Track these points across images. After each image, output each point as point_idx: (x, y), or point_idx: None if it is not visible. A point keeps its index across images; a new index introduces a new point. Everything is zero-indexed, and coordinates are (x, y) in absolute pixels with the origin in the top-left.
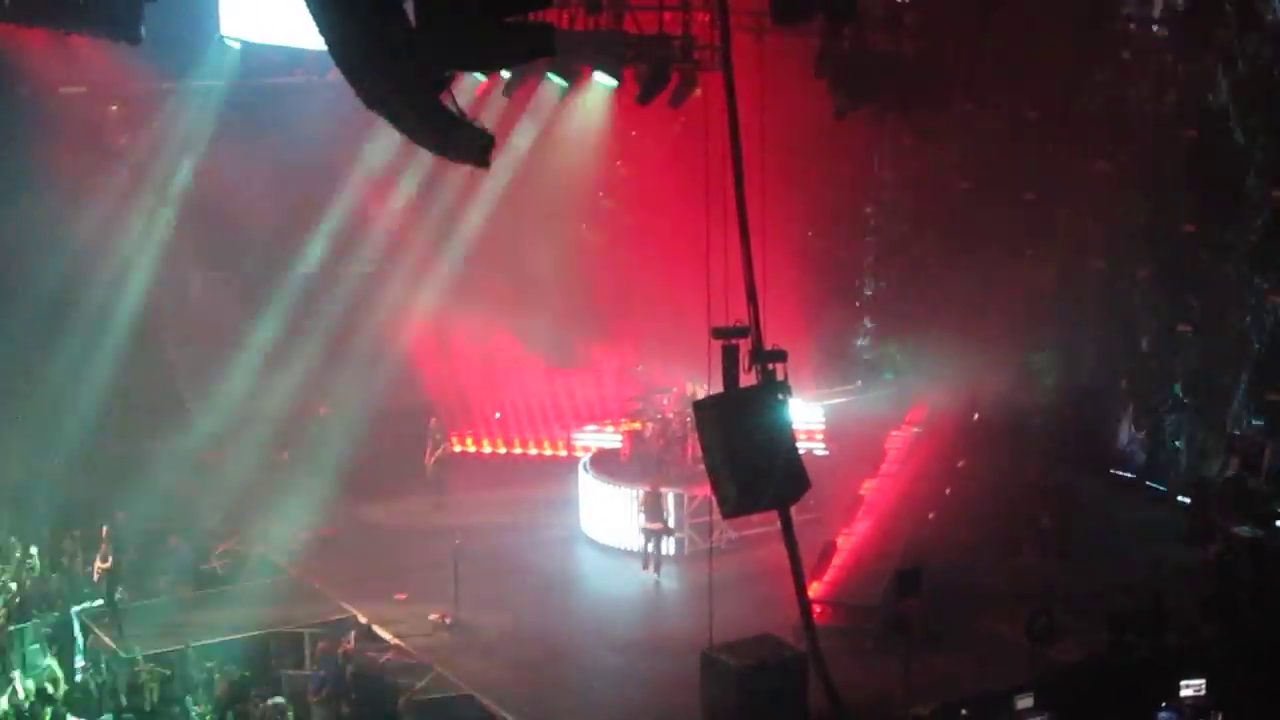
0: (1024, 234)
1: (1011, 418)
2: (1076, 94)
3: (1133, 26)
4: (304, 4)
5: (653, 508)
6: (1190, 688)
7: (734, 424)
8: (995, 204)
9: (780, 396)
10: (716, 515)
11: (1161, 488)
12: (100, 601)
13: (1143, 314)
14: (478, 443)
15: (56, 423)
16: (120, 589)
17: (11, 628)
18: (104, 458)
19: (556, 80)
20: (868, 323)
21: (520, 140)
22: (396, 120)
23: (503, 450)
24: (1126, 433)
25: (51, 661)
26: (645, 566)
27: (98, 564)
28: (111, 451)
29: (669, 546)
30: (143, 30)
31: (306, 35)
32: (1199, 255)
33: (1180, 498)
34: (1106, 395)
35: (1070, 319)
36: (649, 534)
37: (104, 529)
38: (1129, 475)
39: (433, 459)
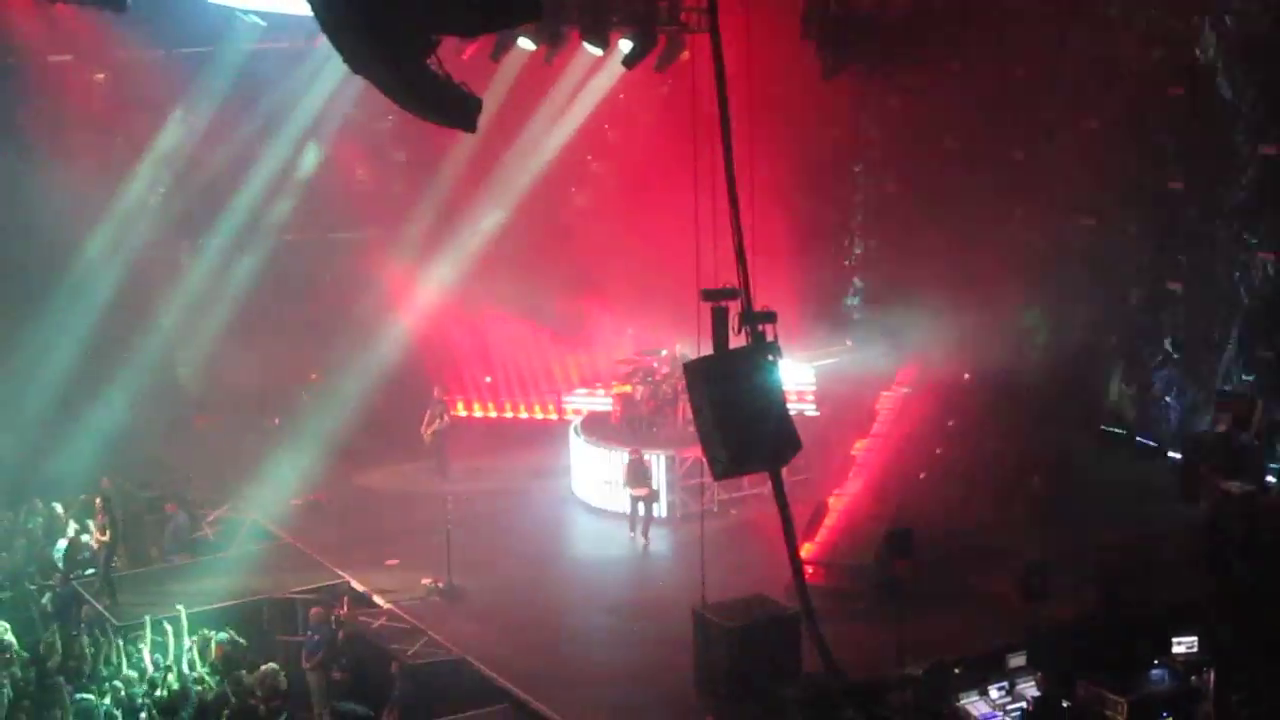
0: (1012, 192)
1: (1002, 376)
2: (1063, 50)
3: None
4: None
5: (638, 473)
6: (1182, 644)
7: (724, 386)
8: (983, 162)
9: (770, 357)
10: (708, 477)
11: (1152, 444)
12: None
13: (1132, 271)
14: (468, 407)
15: (47, 391)
16: (116, 559)
17: (4, 596)
18: (94, 425)
19: (543, 44)
20: (857, 283)
21: (507, 104)
22: (383, 85)
23: (493, 414)
24: (1116, 389)
25: (49, 629)
26: (632, 530)
27: (95, 534)
28: (102, 419)
29: (659, 509)
30: None
31: (292, 1)
32: (1187, 212)
33: (1171, 454)
34: (1096, 352)
35: (1059, 276)
36: (635, 499)
37: (98, 500)
38: (1119, 431)
39: (430, 430)
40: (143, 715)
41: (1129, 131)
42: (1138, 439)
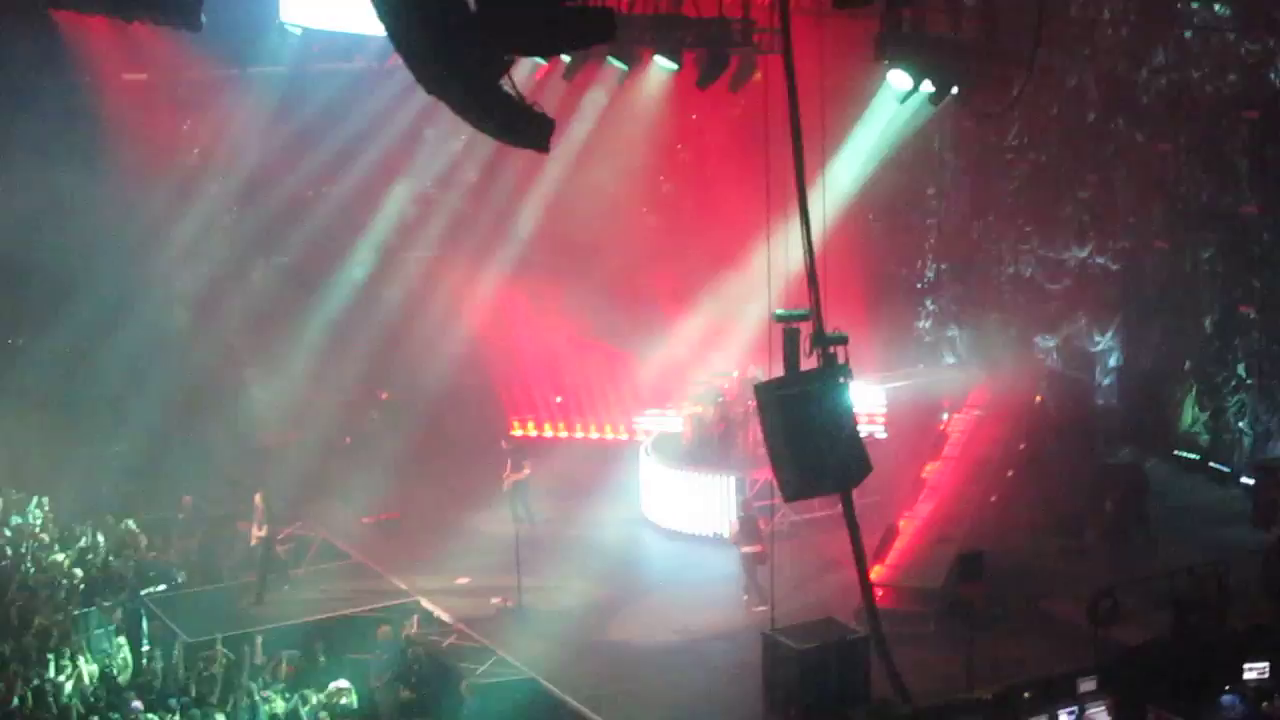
0: (1086, 216)
1: (1074, 400)
2: (1138, 74)
3: (1194, 5)
4: None
5: (750, 531)
6: (1254, 670)
7: (795, 407)
8: (1056, 185)
9: (841, 380)
10: (778, 499)
11: (1225, 469)
12: (164, 586)
13: (1205, 295)
14: (539, 427)
15: (121, 409)
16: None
17: (76, 612)
18: (168, 444)
19: (616, 64)
20: (929, 305)
21: (580, 124)
22: (456, 105)
23: (564, 434)
24: (1190, 414)
25: (120, 646)
26: (746, 593)
27: (254, 531)
28: (175, 438)
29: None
30: (203, 17)
31: (366, 21)
32: (1261, 236)
33: (1244, 479)
34: (1170, 376)
35: (1133, 300)
36: (748, 558)
37: (256, 497)
38: (1193, 457)
39: (510, 481)
40: None
41: (1203, 155)
42: (1210, 464)
